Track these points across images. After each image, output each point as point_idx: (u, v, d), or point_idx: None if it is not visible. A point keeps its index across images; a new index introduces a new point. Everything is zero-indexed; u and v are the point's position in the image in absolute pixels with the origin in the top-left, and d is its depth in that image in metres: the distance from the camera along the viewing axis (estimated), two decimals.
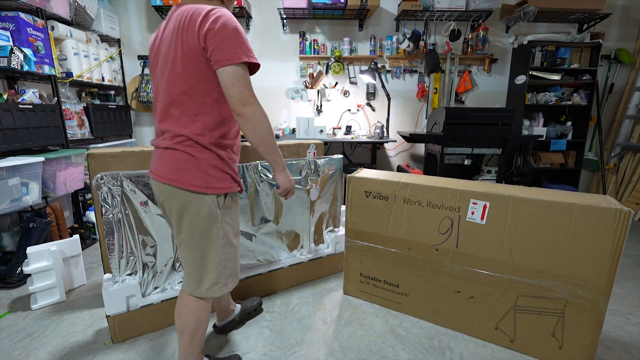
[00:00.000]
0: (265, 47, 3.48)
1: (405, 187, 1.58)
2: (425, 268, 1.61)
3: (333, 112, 3.66)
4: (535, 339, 1.42)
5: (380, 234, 1.70)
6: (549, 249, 1.32)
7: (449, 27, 3.36)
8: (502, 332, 1.48)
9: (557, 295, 1.34)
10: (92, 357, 1.42)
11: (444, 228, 1.52)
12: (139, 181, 1.45)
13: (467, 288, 1.52)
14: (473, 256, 1.48)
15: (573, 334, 1.34)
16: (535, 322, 1.40)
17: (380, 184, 1.65)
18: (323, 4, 3.02)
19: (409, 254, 1.64)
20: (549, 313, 1.37)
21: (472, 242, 1.47)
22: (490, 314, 1.49)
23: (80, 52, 2.76)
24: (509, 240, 1.39)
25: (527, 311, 1.41)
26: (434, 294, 1.61)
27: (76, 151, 2.47)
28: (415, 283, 1.65)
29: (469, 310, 1.54)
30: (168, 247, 1.57)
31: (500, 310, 1.46)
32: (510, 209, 1.37)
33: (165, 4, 3.02)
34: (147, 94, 3.21)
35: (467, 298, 1.53)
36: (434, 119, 3.17)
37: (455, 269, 1.53)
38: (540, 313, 1.38)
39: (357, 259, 1.81)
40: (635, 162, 3.45)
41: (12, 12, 2.15)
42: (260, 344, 1.49)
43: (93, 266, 2.25)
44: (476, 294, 1.50)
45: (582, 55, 3.30)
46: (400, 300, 1.72)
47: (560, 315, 1.35)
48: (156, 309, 1.55)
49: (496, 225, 1.41)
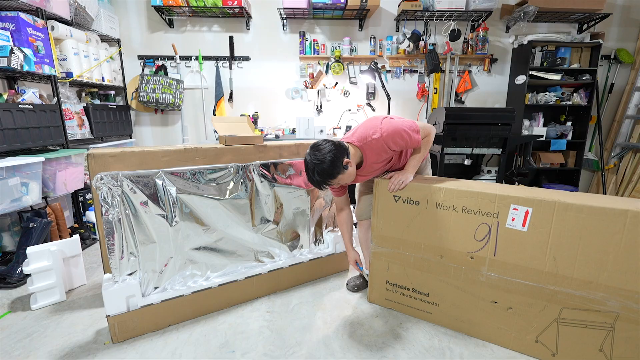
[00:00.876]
0: (265, 47, 3.48)
1: (439, 191, 1.50)
2: (459, 277, 1.51)
3: (333, 112, 3.66)
4: (580, 354, 1.31)
5: (410, 240, 1.61)
6: (598, 258, 1.22)
7: (449, 27, 3.36)
8: (543, 345, 1.38)
9: (606, 308, 1.23)
10: (92, 357, 1.42)
11: (481, 235, 1.43)
12: (139, 181, 1.45)
13: (505, 298, 1.42)
14: (513, 265, 1.38)
15: (623, 349, 1.24)
16: (580, 335, 1.30)
17: (411, 188, 1.56)
18: (323, 4, 3.02)
19: (441, 262, 1.55)
20: (596, 327, 1.26)
21: (511, 251, 1.38)
22: (530, 326, 1.39)
23: (80, 52, 2.76)
24: (553, 249, 1.29)
25: (572, 324, 1.31)
26: (467, 304, 1.52)
27: (76, 151, 2.47)
28: (447, 292, 1.56)
29: (506, 321, 1.44)
30: (168, 247, 1.57)
31: (541, 323, 1.36)
32: (555, 216, 1.28)
33: (165, 4, 3.02)
34: (147, 94, 3.20)
35: (504, 309, 1.43)
36: (434, 119, 3.17)
37: (493, 278, 1.43)
38: (587, 326, 1.28)
39: (383, 266, 1.72)
40: (635, 162, 3.45)
41: (12, 12, 2.15)
42: (260, 344, 1.49)
43: (93, 266, 2.25)
44: (515, 304, 1.40)
45: (582, 55, 3.30)
46: (430, 309, 1.63)
47: (610, 329, 1.24)
48: (156, 309, 1.55)
49: (539, 232, 1.31)
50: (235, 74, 3.52)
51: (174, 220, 1.56)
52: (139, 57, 3.45)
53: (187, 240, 1.63)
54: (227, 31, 3.43)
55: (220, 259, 1.75)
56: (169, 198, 1.53)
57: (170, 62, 3.47)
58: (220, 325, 1.63)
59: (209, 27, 3.43)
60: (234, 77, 3.53)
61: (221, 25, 3.43)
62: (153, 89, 3.21)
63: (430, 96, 3.62)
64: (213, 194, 1.66)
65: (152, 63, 3.46)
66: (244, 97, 3.59)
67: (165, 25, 3.40)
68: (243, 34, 3.45)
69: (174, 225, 1.56)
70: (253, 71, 3.52)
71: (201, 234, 1.66)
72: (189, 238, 1.63)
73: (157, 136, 3.68)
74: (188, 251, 1.64)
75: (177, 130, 3.66)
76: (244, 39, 3.46)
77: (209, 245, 1.70)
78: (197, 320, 1.66)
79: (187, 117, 3.62)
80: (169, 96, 3.27)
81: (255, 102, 3.60)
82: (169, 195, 1.53)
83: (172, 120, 3.64)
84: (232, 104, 3.60)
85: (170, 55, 3.44)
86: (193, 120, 3.63)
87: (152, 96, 3.21)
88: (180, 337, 1.53)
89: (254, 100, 3.60)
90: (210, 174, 1.65)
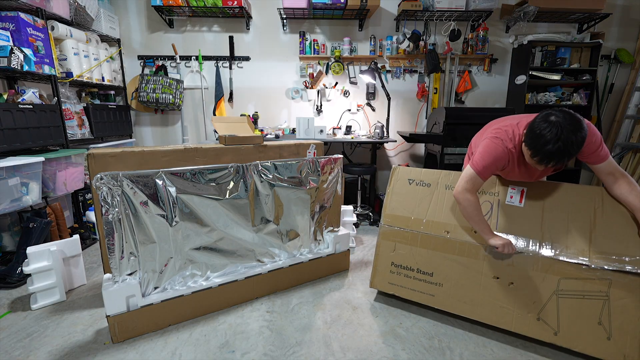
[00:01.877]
0: (265, 47, 3.48)
1: (448, 175, 1.75)
2: (463, 252, 1.61)
3: (333, 112, 3.66)
4: (581, 330, 1.37)
5: (419, 218, 1.75)
6: (584, 227, 1.40)
7: (449, 27, 3.36)
8: (545, 323, 1.43)
9: (600, 275, 1.34)
10: (92, 357, 1.42)
11: (484, 211, 1.60)
12: (139, 181, 1.45)
13: (507, 272, 1.51)
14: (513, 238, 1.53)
15: (621, 320, 1.31)
16: (579, 308, 1.37)
17: (424, 173, 1.81)
18: (323, 4, 3.02)
19: (447, 239, 1.65)
20: (593, 297, 1.35)
21: (510, 224, 1.54)
22: (532, 302, 1.46)
23: (80, 52, 2.76)
24: (546, 222, 1.48)
25: (570, 296, 1.39)
26: (470, 282, 1.59)
27: (76, 151, 2.47)
28: (450, 270, 1.64)
29: (508, 299, 1.50)
30: (168, 247, 1.57)
31: (541, 297, 1.44)
32: (546, 193, 1.53)
33: (165, 4, 3.02)
34: (147, 94, 3.20)
35: (506, 285, 1.51)
36: (434, 119, 3.17)
37: (494, 252, 1.54)
38: (584, 297, 1.36)
39: (390, 247, 1.80)
40: (635, 162, 3.45)
41: (12, 12, 2.15)
42: (260, 344, 1.49)
43: (93, 266, 2.25)
44: (516, 279, 1.49)
45: (582, 55, 3.30)
46: (433, 291, 1.68)
47: (605, 298, 1.32)
48: (156, 309, 1.55)
49: (534, 207, 1.53)
50: (235, 74, 3.53)
51: (174, 220, 1.56)
52: (139, 57, 3.45)
53: (187, 240, 1.63)
54: (227, 31, 3.43)
55: (220, 259, 1.75)
56: (169, 198, 1.53)
57: (170, 62, 3.47)
58: (220, 325, 1.63)
59: (209, 27, 3.43)
60: (234, 77, 3.53)
61: (221, 25, 3.43)
62: (153, 89, 3.21)
63: (430, 96, 3.62)
64: (213, 194, 1.66)
65: (152, 63, 3.46)
66: (244, 97, 3.59)
67: (165, 25, 3.40)
68: (243, 34, 3.45)
69: (174, 225, 1.56)
70: (253, 71, 3.52)
71: (201, 234, 1.66)
72: (189, 238, 1.63)
73: (157, 136, 3.68)
74: (188, 251, 1.64)
75: (177, 130, 3.66)
76: (244, 39, 3.45)
77: (209, 245, 1.70)
78: (197, 320, 1.66)
79: (187, 117, 3.62)
80: (169, 96, 3.27)
81: (255, 102, 3.61)
82: (169, 195, 1.53)
83: (172, 120, 3.64)
84: (232, 104, 3.60)
85: (170, 55, 3.44)
86: (193, 120, 3.63)
87: (152, 96, 3.21)
88: (180, 337, 1.53)
89: (254, 100, 3.60)
90: (210, 174, 1.65)
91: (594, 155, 1.35)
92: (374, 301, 1.85)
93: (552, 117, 1.21)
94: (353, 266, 2.26)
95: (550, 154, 1.19)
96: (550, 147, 1.18)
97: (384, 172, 3.80)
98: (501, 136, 1.42)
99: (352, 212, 2.58)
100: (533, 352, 1.45)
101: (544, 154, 1.21)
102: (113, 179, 1.39)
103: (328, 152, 3.56)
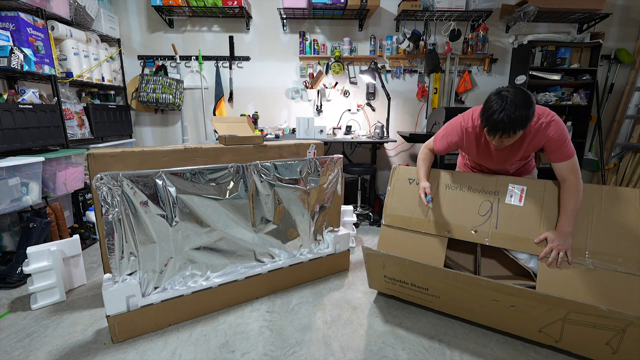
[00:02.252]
0: (265, 47, 3.48)
1: (448, 174, 1.77)
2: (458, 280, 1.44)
3: (333, 112, 3.66)
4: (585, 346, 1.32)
5: (420, 217, 1.75)
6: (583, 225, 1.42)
7: (449, 27, 3.36)
8: (547, 335, 1.38)
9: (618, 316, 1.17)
10: (92, 357, 1.42)
11: (484, 210, 1.61)
12: (139, 181, 1.45)
13: (506, 300, 1.36)
14: (512, 237, 1.53)
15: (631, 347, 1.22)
16: (587, 333, 1.27)
17: None
18: (323, 4, 3.02)
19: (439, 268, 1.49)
20: (605, 328, 1.23)
21: (511, 223, 1.54)
22: (534, 321, 1.37)
23: (80, 52, 2.76)
24: (545, 221, 1.49)
25: (579, 324, 1.27)
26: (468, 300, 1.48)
27: (76, 151, 2.47)
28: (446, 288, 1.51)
29: (509, 315, 1.41)
30: (168, 247, 1.57)
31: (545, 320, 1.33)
32: (545, 192, 1.52)
33: (165, 4, 3.02)
34: (147, 94, 3.20)
35: (506, 306, 1.38)
36: (434, 119, 3.17)
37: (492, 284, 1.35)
38: (595, 327, 1.24)
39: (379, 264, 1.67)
40: (635, 162, 3.45)
41: (12, 12, 2.15)
42: (260, 344, 1.49)
43: (93, 266, 2.25)
44: (517, 304, 1.35)
45: (582, 55, 3.30)
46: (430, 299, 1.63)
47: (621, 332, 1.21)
48: (156, 309, 1.55)
49: (533, 206, 1.53)
50: (235, 74, 3.52)
51: (174, 220, 1.56)
52: (139, 57, 3.45)
53: (187, 240, 1.63)
54: (227, 31, 3.43)
55: (220, 259, 1.75)
56: (169, 198, 1.53)
57: (170, 62, 3.47)
58: (220, 325, 1.63)
59: (209, 27, 3.43)
60: (234, 77, 3.53)
61: (221, 25, 3.43)
62: (153, 89, 3.21)
63: (430, 96, 3.62)
64: (213, 194, 1.66)
65: (152, 63, 3.46)
66: (244, 97, 3.59)
67: (165, 25, 3.40)
68: (243, 34, 3.45)
69: (174, 225, 1.56)
70: (253, 71, 3.52)
71: (201, 234, 1.66)
72: (189, 238, 1.63)
73: (157, 136, 3.68)
74: (188, 251, 1.64)
75: (177, 130, 3.66)
76: (244, 39, 3.45)
77: (209, 245, 1.70)
78: (197, 320, 1.66)
79: (187, 117, 3.62)
80: (169, 96, 3.27)
81: (255, 102, 3.60)
82: (169, 195, 1.53)
83: (172, 120, 3.64)
84: (232, 104, 3.60)
85: (170, 55, 3.44)
86: (193, 120, 3.63)
87: (152, 96, 3.21)
88: (180, 337, 1.53)
89: (254, 100, 3.60)
90: (210, 174, 1.65)
91: (557, 152, 1.40)
92: (374, 301, 1.85)
93: (504, 92, 1.29)
94: (353, 266, 2.26)
95: (496, 123, 1.27)
96: (495, 117, 1.27)
97: (384, 172, 3.80)
98: (464, 116, 1.57)
99: (352, 212, 2.58)
100: (533, 352, 1.45)
101: (490, 124, 1.30)
102: (113, 179, 1.39)
103: (328, 152, 3.56)
